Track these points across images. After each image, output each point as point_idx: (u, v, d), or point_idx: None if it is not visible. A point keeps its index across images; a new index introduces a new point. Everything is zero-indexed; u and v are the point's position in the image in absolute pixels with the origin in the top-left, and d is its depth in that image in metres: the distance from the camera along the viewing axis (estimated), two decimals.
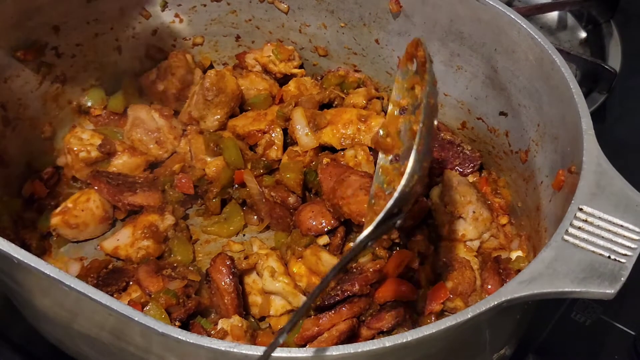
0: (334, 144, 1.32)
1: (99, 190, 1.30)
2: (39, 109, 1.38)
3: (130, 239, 1.26)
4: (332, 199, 1.18)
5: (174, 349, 0.85)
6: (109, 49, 1.46)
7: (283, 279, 1.16)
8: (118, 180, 1.31)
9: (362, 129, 1.31)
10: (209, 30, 1.54)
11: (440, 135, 1.37)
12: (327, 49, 1.50)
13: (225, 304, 1.11)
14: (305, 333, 1.05)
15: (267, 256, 1.20)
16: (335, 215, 1.20)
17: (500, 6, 1.17)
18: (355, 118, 1.32)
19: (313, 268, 1.17)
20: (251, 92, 1.47)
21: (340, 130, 1.32)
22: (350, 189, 1.16)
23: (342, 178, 1.19)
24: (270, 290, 1.16)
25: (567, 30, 1.84)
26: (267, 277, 1.17)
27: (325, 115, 1.34)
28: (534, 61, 1.14)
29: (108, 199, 1.30)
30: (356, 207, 1.15)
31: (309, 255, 1.17)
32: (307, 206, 1.25)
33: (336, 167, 1.25)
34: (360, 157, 1.29)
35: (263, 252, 1.21)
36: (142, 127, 1.41)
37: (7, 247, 0.87)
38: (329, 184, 1.21)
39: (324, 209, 1.22)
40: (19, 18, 1.25)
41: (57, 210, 1.29)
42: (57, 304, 0.99)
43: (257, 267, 1.19)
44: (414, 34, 1.34)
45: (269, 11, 1.49)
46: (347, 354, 0.79)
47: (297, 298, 1.15)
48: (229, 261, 1.13)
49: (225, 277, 1.11)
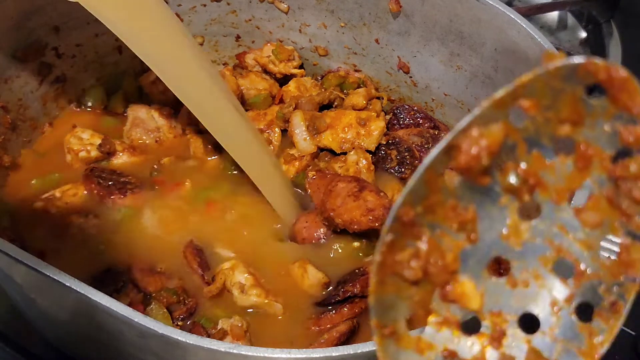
0: (334, 147, 1.32)
1: (88, 190, 1.29)
2: (40, 110, 1.38)
3: None
4: (324, 212, 1.16)
5: (174, 349, 0.85)
6: (109, 49, 1.46)
7: (254, 291, 1.11)
8: (110, 181, 1.29)
9: (362, 133, 1.31)
10: (209, 30, 1.54)
11: (440, 135, 1.37)
12: (327, 48, 1.50)
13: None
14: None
15: (233, 269, 1.14)
16: (331, 227, 1.18)
17: (500, 6, 1.17)
18: (355, 122, 1.31)
19: (298, 282, 1.15)
20: (251, 92, 1.47)
21: (340, 134, 1.31)
22: (339, 198, 1.14)
23: (330, 189, 1.17)
24: (245, 306, 1.12)
25: (567, 30, 1.84)
26: (237, 295, 1.11)
27: (325, 119, 1.33)
28: (534, 61, 1.14)
29: (96, 199, 1.30)
30: (348, 215, 1.12)
31: (296, 268, 1.15)
32: (302, 216, 1.23)
33: (322, 178, 1.23)
34: (362, 165, 1.27)
35: (227, 265, 1.15)
36: (141, 127, 1.41)
37: (7, 247, 0.87)
38: (319, 197, 1.19)
39: (317, 219, 1.20)
40: (19, 18, 1.25)
41: (44, 196, 1.27)
42: (57, 304, 0.99)
43: (226, 285, 1.13)
44: (414, 33, 1.35)
45: (269, 11, 1.49)
46: (347, 354, 0.80)
47: (273, 307, 1.11)
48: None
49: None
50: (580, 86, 0.51)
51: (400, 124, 1.40)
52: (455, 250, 0.55)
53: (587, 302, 0.56)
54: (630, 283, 0.54)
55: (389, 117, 1.40)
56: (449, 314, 0.56)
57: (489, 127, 0.51)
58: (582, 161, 0.53)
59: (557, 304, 0.57)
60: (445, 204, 0.54)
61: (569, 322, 0.57)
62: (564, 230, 0.56)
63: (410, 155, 1.31)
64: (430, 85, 1.42)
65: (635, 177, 0.51)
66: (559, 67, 0.50)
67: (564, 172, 0.54)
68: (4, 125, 1.29)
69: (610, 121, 0.52)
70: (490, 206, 0.55)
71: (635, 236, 0.53)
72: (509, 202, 0.56)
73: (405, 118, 1.40)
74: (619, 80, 0.50)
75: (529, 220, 0.56)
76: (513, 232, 0.57)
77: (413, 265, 0.53)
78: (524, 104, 0.51)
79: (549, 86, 0.51)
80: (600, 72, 0.50)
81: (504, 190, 0.55)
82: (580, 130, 0.53)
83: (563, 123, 0.53)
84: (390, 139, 1.32)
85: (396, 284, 0.55)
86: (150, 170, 1.33)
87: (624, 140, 0.51)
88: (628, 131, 0.51)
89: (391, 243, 0.53)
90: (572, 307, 0.57)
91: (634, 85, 0.50)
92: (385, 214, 1.12)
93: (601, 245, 0.55)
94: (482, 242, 0.56)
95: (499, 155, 0.52)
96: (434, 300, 0.56)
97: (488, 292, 0.57)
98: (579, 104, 0.52)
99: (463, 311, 0.57)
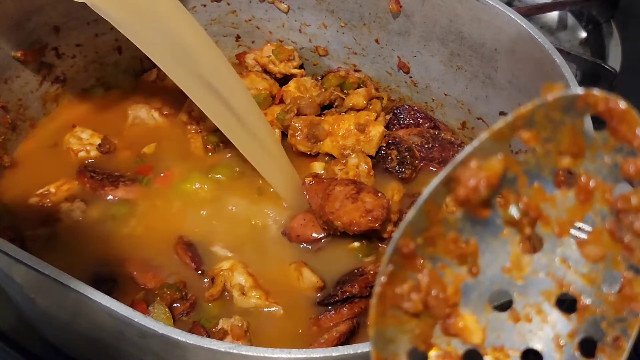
0: (334, 154, 1.32)
1: (81, 184, 1.29)
2: (40, 110, 1.38)
3: None
4: (323, 216, 1.16)
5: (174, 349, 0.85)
6: (109, 49, 1.46)
7: (254, 293, 1.11)
8: (103, 175, 1.29)
9: (362, 139, 1.30)
10: (208, 31, 1.54)
11: (440, 135, 1.37)
12: (327, 48, 1.50)
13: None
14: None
15: (232, 270, 1.13)
16: (330, 231, 1.18)
17: (500, 6, 1.17)
18: (354, 128, 1.31)
19: (293, 283, 1.15)
20: (251, 92, 1.46)
21: (340, 142, 1.31)
22: (337, 202, 1.14)
23: (327, 193, 1.17)
24: (245, 308, 1.12)
25: (567, 30, 1.84)
26: (237, 297, 1.11)
27: (323, 125, 1.32)
28: (534, 61, 1.14)
29: (89, 192, 1.30)
30: (347, 218, 1.13)
31: (292, 270, 1.15)
32: (300, 214, 1.23)
33: (320, 183, 1.23)
34: (361, 169, 1.27)
35: (226, 266, 1.14)
36: (142, 126, 1.41)
37: (7, 247, 0.87)
38: (317, 202, 1.19)
39: (315, 219, 1.20)
40: (19, 18, 1.25)
41: (39, 191, 1.27)
42: (57, 304, 0.99)
43: (226, 287, 1.13)
44: (414, 33, 1.35)
45: (269, 11, 1.49)
46: (347, 354, 0.80)
47: (274, 309, 1.11)
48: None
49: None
50: (580, 118, 0.50)
51: (400, 124, 1.40)
52: (456, 283, 0.54)
53: (590, 337, 0.55)
54: (633, 318, 0.53)
55: (389, 117, 1.40)
56: (450, 349, 0.55)
57: (488, 160, 0.50)
58: (584, 194, 0.53)
59: (560, 339, 0.56)
60: (446, 236, 0.53)
61: (572, 358, 0.56)
62: (566, 264, 0.55)
63: (410, 155, 1.31)
64: (430, 85, 1.42)
65: (637, 210, 0.50)
66: (558, 99, 0.49)
67: (565, 205, 0.54)
68: (4, 125, 1.29)
69: (611, 153, 0.51)
70: (492, 239, 0.55)
71: (637, 270, 0.52)
72: (511, 235, 0.55)
73: (405, 118, 1.41)
74: (618, 112, 0.49)
75: (531, 254, 0.55)
76: (515, 265, 0.56)
77: (413, 297, 0.53)
78: (523, 136, 0.51)
79: (548, 118, 0.50)
80: (599, 103, 0.49)
81: (505, 223, 0.54)
82: (581, 162, 0.52)
83: (563, 155, 0.52)
84: (390, 138, 1.32)
85: (397, 316, 0.54)
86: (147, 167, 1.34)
87: (624, 172, 0.50)
88: (628, 163, 0.50)
89: (391, 275, 0.53)
90: (575, 343, 0.56)
91: (633, 117, 0.49)
92: (384, 213, 1.12)
93: (604, 279, 0.54)
94: (484, 276, 0.55)
95: (500, 188, 0.52)
96: (435, 334, 0.55)
97: (490, 326, 0.56)
98: (579, 135, 0.51)
99: (465, 345, 0.56)
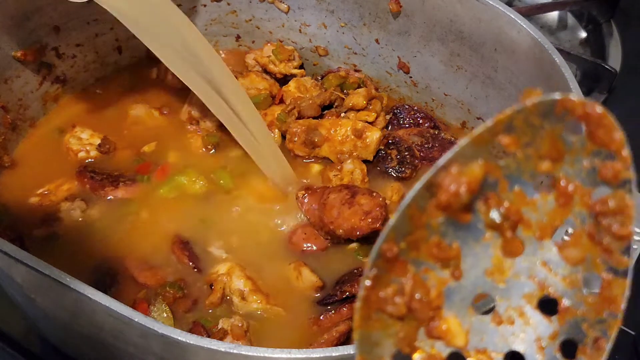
0: (332, 158, 1.32)
1: (81, 184, 1.29)
2: (40, 110, 1.38)
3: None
4: (324, 227, 1.16)
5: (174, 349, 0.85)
6: (109, 49, 1.46)
7: (255, 297, 1.10)
8: (103, 175, 1.29)
9: (359, 144, 1.30)
10: (209, 31, 1.54)
11: (440, 135, 1.37)
12: (327, 48, 1.50)
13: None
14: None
15: (230, 275, 1.12)
16: (334, 241, 1.18)
17: (500, 6, 1.17)
18: (351, 133, 1.30)
19: (292, 283, 1.15)
20: (251, 92, 1.46)
21: (337, 147, 1.31)
22: (335, 209, 1.14)
23: (323, 202, 1.17)
24: (247, 312, 1.10)
25: (567, 30, 1.84)
26: (237, 302, 1.10)
27: (321, 131, 1.31)
28: (534, 61, 1.14)
29: (89, 192, 1.30)
30: (347, 224, 1.12)
31: (292, 270, 1.15)
32: (299, 228, 1.22)
33: (313, 194, 1.22)
34: (356, 175, 1.27)
35: (223, 270, 1.13)
36: (142, 125, 1.41)
37: (7, 247, 0.87)
38: (315, 214, 1.19)
39: (314, 231, 1.20)
40: (19, 18, 1.25)
41: (39, 191, 1.27)
42: (57, 304, 0.99)
43: (225, 292, 1.12)
44: (414, 33, 1.35)
45: (269, 11, 1.49)
46: (347, 354, 0.80)
47: (274, 311, 1.11)
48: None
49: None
50: (559, 123, 0.51)
51: (400, 123, 1.40)
52: (439, 286, 0.55)
53: (571, 338, 0.56)
54: (612, 319, 0.53)
55: (389, 117, 1.40)
56: (434, 351, 0.56)
57: (469, 165, 0.51)
58: (563, 197, 0.53)
59: (542, 341, 0.56)
60: (429, 240, 0.54)
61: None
62: (547, 266, 0.56)
63: (410, 155, 1.31)
64: (430, 85, 1.42)
65: (615, 213, 0.51)
66: (537, 104, 0.50)
67: (546, 209, 0.54)
68: (4, 125, 1.29)
69: (589, 157, 0.52)
70: (474, 243, 0.55)
71: (616, 272, 0.53)
72: (493, 239, 0.55)
73: (405, 118, 1.41)
74: (595, 117, 0.50)
75: (512, 257, 0.56)
76: (497, 268, 0.56)
77: (397, 301, 0.53)
78: (503, 141, 0.51)
79: (528, 123, 0.51)
80: (576, 108, 0.50)
81: (487, 227, 0.54)
82: (561, 166, 0.53)
83: (543, 159, 0.53)
84: (390, 138, 1.32)
85: (381, 320, 0.54)
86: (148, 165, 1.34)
87: (602, 175, 0.51)
88: (606, 167, 0.51)
89: (375, 278, 0.53)
90: (556, 344, 0.56)
91: (610, 122, 0.50)
92: (383, 212, 1.12)
93: (584, 281, 0.55)
94: (467, 279, 0.55)
95: (481, 192, 0.52)
96: (419, 337, 0.55)
97: (473, 329, 0.56)
98: (558, 140, 0.52)
99: (448, 348, 0.56)
